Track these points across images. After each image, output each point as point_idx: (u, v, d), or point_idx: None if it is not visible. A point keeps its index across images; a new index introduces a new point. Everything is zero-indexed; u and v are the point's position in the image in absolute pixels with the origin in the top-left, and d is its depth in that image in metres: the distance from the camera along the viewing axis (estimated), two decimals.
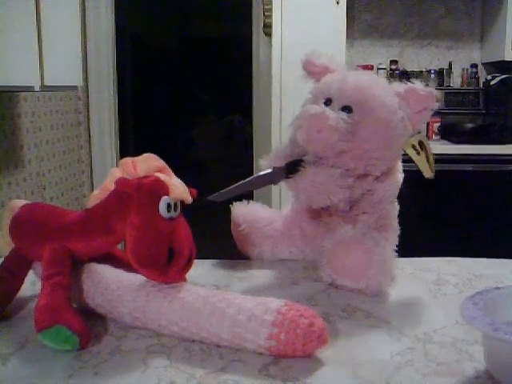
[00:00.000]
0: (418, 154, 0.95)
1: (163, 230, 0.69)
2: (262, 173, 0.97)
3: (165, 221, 0.69)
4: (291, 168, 0.91)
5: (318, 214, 0.98)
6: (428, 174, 0.97)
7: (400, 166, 0.99)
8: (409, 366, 0.64)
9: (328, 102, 0.91)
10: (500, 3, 3.13)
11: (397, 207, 1.01)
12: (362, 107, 0.88)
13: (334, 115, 0.87)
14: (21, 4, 1.82)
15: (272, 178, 0.95)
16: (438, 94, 0.89)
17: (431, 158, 0.97)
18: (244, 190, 0.98)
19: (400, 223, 1.00)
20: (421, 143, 0.95)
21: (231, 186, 0.95)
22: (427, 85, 0.89)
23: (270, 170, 0.94)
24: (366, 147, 0.88)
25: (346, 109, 0.88)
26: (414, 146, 0.94)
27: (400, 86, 0.90)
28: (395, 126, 0.88)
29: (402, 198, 0.99)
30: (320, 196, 0.89)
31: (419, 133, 0.93)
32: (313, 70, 0.99)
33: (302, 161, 0.91)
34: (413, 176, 1.00)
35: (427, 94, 0.88)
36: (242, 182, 0.96)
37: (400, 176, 0.98)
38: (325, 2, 2.88)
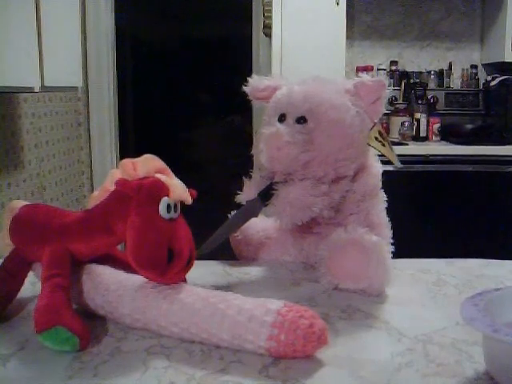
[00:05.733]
0: (383, 145, 0.94)
1: (163, 231, 0.69)
2: (237, 211, 0.96)
3: (165, 222, 0.69)
4: (264, 195, 0.91)
5: (308, 226, 0.97)
6: (397, 163, 0.96)
7: (374, 158, 0.97)
8: (409, 366, 0.64)
9: (282, 118, 0.91)
10: (500, 4, 3.13)
11: (383, 201, 0.99)
12: (314, 114, 0.88)
13: (287, 130, 0.87)
14: (21, 4, 1.82)
15: (251, 212, 0.95)
16: (386, 81, 0.89)
17: (392, 147, 0.96)
18: (227, 233, 0.99)
19: (400, 224, 1.00)
20: (380, 133, 0.94)
21: (213, 235, 0.95)
22: (427, 85, 0.89)
23: (244, 206, 0.95)
24: (328, 151, 0.88)
25: (301, 119, 0.89)
26: (376, 138, 0.93)
27: (348, 83, 0.90)
28: (350, 123, 0.88)
29: (402, 199, 0.99)
30: (300, 211, 0.88)
31: (375, 124, 0.92)
32: (261, 96, 0.99)
33: (273, 184, 0.91)
34: (413, 177, 1.00)
35: (376, 83, 0.88)
36: (222, 226, 0.96)
37: (376, 168, 0.97)
38: (325, 3, 2.89)
